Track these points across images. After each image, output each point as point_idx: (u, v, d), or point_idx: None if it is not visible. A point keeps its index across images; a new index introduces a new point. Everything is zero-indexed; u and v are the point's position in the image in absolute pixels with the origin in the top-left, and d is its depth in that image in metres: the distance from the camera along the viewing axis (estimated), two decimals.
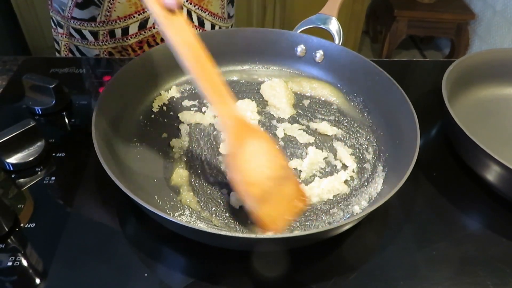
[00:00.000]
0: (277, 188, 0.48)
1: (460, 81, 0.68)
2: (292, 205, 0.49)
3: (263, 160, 0.49)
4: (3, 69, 0.77)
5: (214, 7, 0.89)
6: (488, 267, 0.50)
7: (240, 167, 0.48)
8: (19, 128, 0.56)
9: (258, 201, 0.47)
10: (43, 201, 0.54)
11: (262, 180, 0.48)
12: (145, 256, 0.49)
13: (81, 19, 0.83)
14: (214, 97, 0.48)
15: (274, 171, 0.49)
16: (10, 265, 0.47)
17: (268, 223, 0.47)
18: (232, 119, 0.49)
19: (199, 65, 0.47)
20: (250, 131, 0.50)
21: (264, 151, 0.50)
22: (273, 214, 0.47)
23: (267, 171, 0.48)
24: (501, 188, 0.57)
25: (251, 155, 0.49)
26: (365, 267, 0.49)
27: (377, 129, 0.64)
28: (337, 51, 0.69)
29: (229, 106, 0.49)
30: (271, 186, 0.48)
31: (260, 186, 0.47)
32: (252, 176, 0.48)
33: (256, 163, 0.49)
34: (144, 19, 0.82)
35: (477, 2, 2.28)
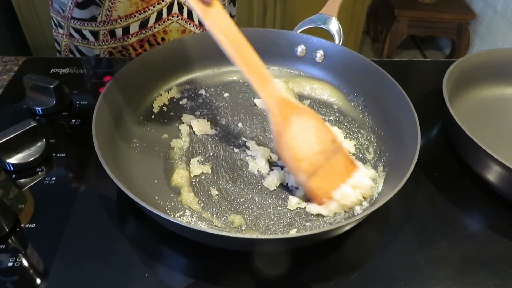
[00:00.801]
0: (326, 161, 0.51)
1: (460, 81, 0.68)
2: (341, 176, 0.52)
3: (311, 135, 0.51)
4: (3, 69, 0.77)
5: None
6: (488, 267, 0.50)
7: (288, 144, 0.50)
8: (19, 128, 0.56)
9: (309, 176, 0.50)
10: (43, 201, 0.54)
11: (311, 154, 0.50)
12: (146, 256, 0.49)
13: (82, 19, 0.83)
14: (256, 79, 0.51)
15: (322, 145, 0.51)
16: (10, 265, 0.47)
17: (318, 194, 0.51)
18: (275, 99, 0.51)
19: (239, 50, 0.50)
20: (295, 109, 0.52)
21: (311, 127, 0.52)
22: (323, 185, 0.51)
23: (315, 146, 0.51)
24: (501, 188, 0.56)
25: (298, 131, 0.51)
26: (366, 267, 0.49)
27: (377, 129, 0.64)
28: (337, 51, 0.69)
29: (272, 86, 0.51)
30: (321, 160, 0.50)
31: (310, 161, 0.50)
32: (301, 151, 0.50)
33: (303, 139, 0.51)
34: (145, 18, 0.82)
35: (478, 2, 2.28)
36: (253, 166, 0.58)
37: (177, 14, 0.83)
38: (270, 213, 0.53)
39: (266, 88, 0.51)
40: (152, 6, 0.81)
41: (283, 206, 0.53)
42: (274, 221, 0.52)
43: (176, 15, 0.83)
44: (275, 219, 0.52)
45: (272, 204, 0.54)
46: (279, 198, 0.55)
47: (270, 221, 0.52)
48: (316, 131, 0.52)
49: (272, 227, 0.51)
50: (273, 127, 0.52)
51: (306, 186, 0.51)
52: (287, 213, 0.53)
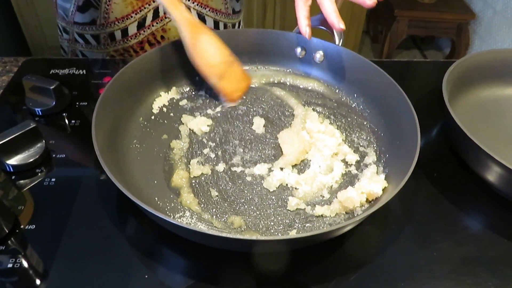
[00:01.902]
0: (228, 69, 0.66)
1: (460, 82, 0.68)
2: (241, 81, 0.69)
3: (215, 48, 0.65)
4: (3, 70, 0.77)
5: (216, 3, 0.87)
6: (489, 267, 0.50)
7: (201, 53, 0.64)
8: (19, 129, 0.56)
9: (218, 78, 0.65)
10: (43, 202, 0.54)
11: (217, 62, 0.65)
12: (146, 257, 0.49)
13: (83, 23, 0.84)
14: (168, 4, 0.62)
15: (224, 56, 0.65)
16: (10, 266, 0.47)
17: (228, 92, 0.66)
18: (186, 19, 0.63)
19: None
20: (201, 27, 0.64)
21: (213, 42, 0.65)
22: (230, 87, 0.67)
23: (219, 56, 0.65)
24: (502, 188, 0.56)
25: (206, 44, 0.64)
26: (366, 267, 0.49)
27: (377, 129, 0.64)
28: (337, 52, 0.69)
29: (182, 9, 0.63)
30: (224, 67, 0.65)
31: (217, 67, 0.65)
32: (210, 59, 0.64)
33: (210, 50, 0.64)
34: (142, 17, 0.82)
35: (478, 2, 2.28)
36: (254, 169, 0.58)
37: None
38: (270, 214, 0.53)
39: (178, 10, 0.63)
40: (148, 4, 0.81)
41: (283, 207, 0.53)
42: (274, 222, 0.52)
43: None
44: (275, 220, 0.52)
45: (272, 205, 0.54)
46: (279, 199, 0.55)
47: (270, 222, 0.52)
48: (217, 45, 0.65)
49: (272, 228, 0.51)
50: (187, 40, 0.63)
51: (218, 86, 0.65)
52: (287, 214, 0.53)
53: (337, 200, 0.53)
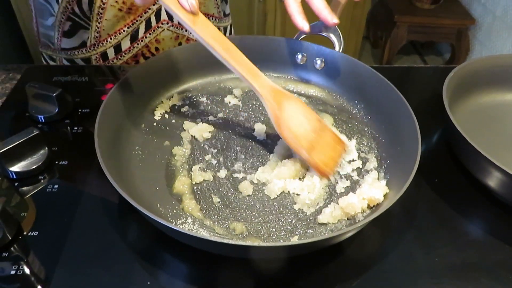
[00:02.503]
0: (319, 138, 0.58)
1: (461, 87, 0.69)
2: (335, 149, 0.59)
3: (302, 116, 0.58)
4: (6, 77, 0.77)
5: (208, 8, 0.86)
6: (490, 273, 0.50)
7: (287, 125, 0.57)
8: (22, 136, 0.57)
9: (308, 151, 0.56)
10: (46, 209, 0.54)
11: (306, 132, 0.57)
12: (148, 264, 0.49)
13: (71, 48, 0.82)
14: (248, 73, 0.57)
15: (313, 124, 0.58)
16: (13, 273, 0.47)
17: (322, 167, 0.56)
18: (267, 88, 0.57)
19: (229, 51, 0.56)
20: (284, 95, 0.58)
21: (300, 109, 0.59)
22: (323, 158, 0.57)
23: (307, 125, 0.58)
24: (503, 194, 0.57)
25: (292, 113, 0.58)
26: (368, 273, 0.49)
27: (378, 135, 0.64)
28: (337, 58, 0.70)
29: (262, 78, 0.58)
30: (314, 137, 0.57)
31: (307, 138, 0.57)
32: (298, 130, 0.57)
33: (297, 119, 0.58)
34: (135, 30, 0.81)
35: (477, 7, 2.29)
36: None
37: (166, 21, 0.82)
38: (272, 220, 0.53)
39: (258, 80, 0.57)
40: (140, 17, 0.80)
41: (285, 213, 0.54)
42: (275, 228, 0.52)
43: (166, 22, 0.82)
44: (277, 226, 0.52)
45: (273, 211, 0.54)
46: (280, 205, 0.55)
47: (271, 228, 0.52)
48: (304, 113, 0.59)
49: (273, 234, 0.51)
50: (271, 112, 0.57)
51: (310, 161, 0.56)
52: (288, 220, 0.53)
53: (338, 206, 0.53)
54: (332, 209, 0.53)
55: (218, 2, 0.88)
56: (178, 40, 0.86)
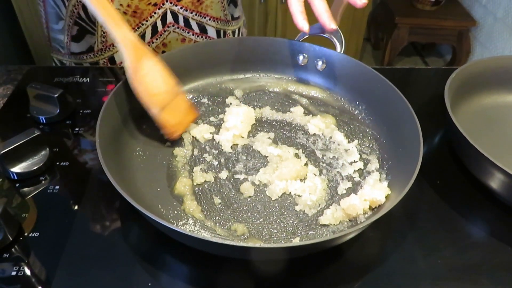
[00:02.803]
0: (172, 101, 0.60)
1: (462, 89, 0.69)
2: (185, 116, 0.62)
3: (159, 76, 0.59)
4: (7, 78, 0.77)
5: (215, 11, 0.86)
6: (492, 275, 0.50)
7: (142, 80, 0.58)
8: (23, 137, 0.57)
9: (159, 109, 0.58)
10: (47, 210, 0.54)
11: (160, 92, 0.59)
12: (149, 265, 0.49)
13: (80, 53, 0.83)
14: (112, 21, 0.56)
15: (168, 86, 0.60)
16: (14, 274, 0.47)
17: (169, 126, 0.59)
18: (129, 40, 0.57)
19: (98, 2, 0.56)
20: (147, 53, 0.58)
21: (158, 69, 0.59)
22: (172, 120, 0.60)
23: (162, 85, 0.59)
24: (505, 195, 0.56)
25: (149, 70, 0.58)
26: (369, 275, 0.49)
27: (380, 137, 0.64)
28: (339, 59, 0.70)
29: (125, 29, 0.57)
30: (168, 98, 0.59)
31: (159, 97, 0.59)
32: (152, 87, 0.58)
33: (154, 77, 0.58)
34: (141, 34, 0.81)
35: (478, 9, 2.29)
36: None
37: (172, 24, 0.82)
38: (273, 221, 0.53)
39: (120, 30, 0.57)
40: (145, 21, 0.80)
41: (286, 215, 0.53)
42: (277, 229, 0.52)
43: (172, 24, 0.82)
44: (278, 227, 0.52)
45: (275, 212, 0.54)
46: (282, 206, 0.55)
47: (273, 230, 0.52)
48: (162, 73, 0.59)
49: (275, 236, 0.51)
50: (129, 64, 0.57)
51: (158, 118, 0.58)
52: (290, 221, 0.53)
53: (340, 207, 0.53)
54: (333, 211, 0.53)
55: (225, 5, 0.87)
56: (184, 43, 0.86)
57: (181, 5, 0.80)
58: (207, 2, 0.82)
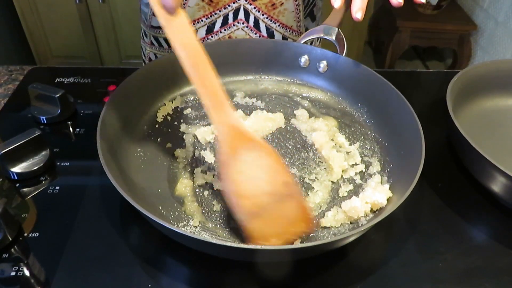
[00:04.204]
0: (275, 205, 0.46)
1: (464, 92, 0.68)
2: (292, 225, 0.47)
3: (261, 173, 0.47)
4: (9, 78, 0.77)
5: (287, 19, 0.83)
6: (494, 279, 0.49)
7: (233, 178, 0.46)
8: (24, 137, 0.56)
9: (249, 215, 0.45)
10: (47, 210, 0.54)
11: (256, 193, 0.46)
12: (149, 266, 0.49)
13: (158, 27, 0.86)
14: (209, 101, 0.47)
15: (273, 186, 0.46)
16: (13, 275, 0.46)
17: (255, 239, 0.46)
18: (226, 126, 0.47)
19: (197, 68, 0.47)
20: (248, 141, 0.47)
21: (263, 164, 0.47)
22: (266, 230, 0.46)
23: (264, 185, 0.46)
24: (507, 199, 0.56)
25: (247, 166, 0.46)
26: (370, 278, 0.49)
27: (381, 139, 0.64)
28: (340, 62, 0.70)
29: (225, 112, 0.47)
30: (267, 202, 0.46)
31: (253, 200, 0.45)
32: (246, 188, 0.46)
33: (251, 175, 0.46)
34: (212, 22, 0.82)
35: (479, 13, 2.29)
36: None
37: (242, 21, 0.83)
38: None
39: (219, 113, 0.47)
40: (219, 11, 0.81)
41: None
42: None
43: (242, 21, 0.83)
44: None
45: None
46: None
47: None
48: (268, 170, 0.47)
49: None
50: (220, 157, 0.47)
51: (244, 226, 0.46)
52: None
53: (341, 210, 0.52)
54: (335, 213, 0.52)
55: (301, 16, 0.85)
56: None
57: (255, 5, 0.80)
58: (281, 8, 0.82)
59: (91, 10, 1.98)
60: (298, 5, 0.83)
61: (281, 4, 0.81)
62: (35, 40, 2.07)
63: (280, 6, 0.81)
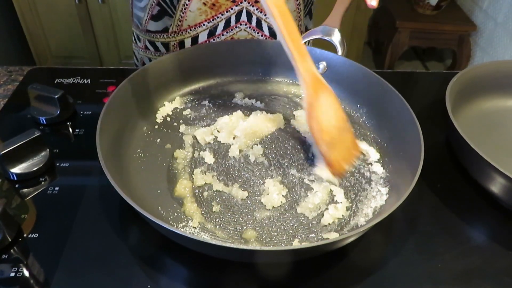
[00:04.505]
0: (340, 137, 0.58)
1: (463, 93, 0.69)
2: (350, 152, 0.59)
3: (332, 112, 0.57)
4: (8, 79, 0.77)
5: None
6: (493, 280, 0.50)
7: (318, 116, 0.56)
8: (24, 138, 0.56)
9: (328, 146, 0.56)
10: (46, 211, 0.54)
11: (331, 128, 0.57)
12: (148, 267, 0.49)
13: (155, 31, 0.86)
14: (298, 53, 0.55)
15: (339, 122, 0.58)
16: (13, 275, 0.46)
17: (336, 165, 0.57)
18: (311, 74, 0.56)
19: (287, 24, 0.54)
20: (324, 86, 0.57)
21: (334, 105, 0.58)
22: (339, 158, 0.57)
23: (335, 121, 0.57)
24: (506, 200, 0.56)
25: (325, 107, 0.57)
26: (370, 279, 0.49)
27: (380, 140, 0.64)
28: (340, 63, 0.70)
29: (309, 62, 0.56)
30: (337, 134, 0.57)
31: (330, 133, 0.57)
32: (325, 124, 0.56)
33: (328, 113, 0.57)
34: (214, 26, 0.82)
35: (479, 14, 2.29)
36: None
37: (245, 22, 0.83)
38: (273, 224, 0.52)
39: (304, 63, 0.56)
40: (221, 14, 0.81)
41: (287, 217, 0.53)
42: (277, 232, 0.51)
43: (245, 23, 0.83)
44: (278, 230, 0.52)
45: (275, 215, 0.54)
46: (282, 209, 0.54)
47: (273, 232, 0.51)
48: (336, 109, 0.58)
49: (275, 239, 0.51)
50: (307, 99, 0.56)
51: (327, 156, 0.57)
52: (290, 224, 0.53)
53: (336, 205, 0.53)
54: (333, 210, 0.53)
55: (301, 15, 0.87)
56: None
57: (257, 6, 0.80)
58: None
59: (90, 10, 1.98)
60: (299, 5, 0.83)
61: None
62: (34, 40, 2.06)
63: None
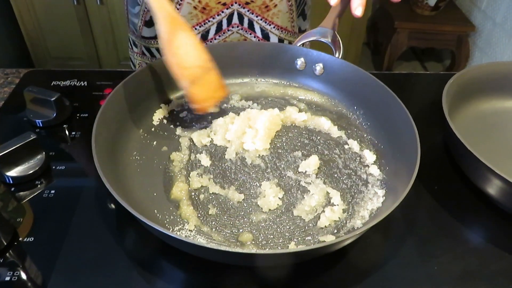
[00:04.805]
0: (203, 75, 0.60)
1: (460, 94, 0.68)
2: (215, 91, 0.62)
3: (192, 50, 0.59)
4: (5, 81, 0.77)
5: (282, 20, 0.84)
6: (490, 281, 0.50)
7: (175, 52, 0.58)
8: (20, 141, 0.56)
9: (189, 82, 0.59)
10: (42, 214, 0.53)
11: (192, 65, 0.59)
12: (145, 271, 0.48)
13: (149, 37, 0.86)
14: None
15: (201, 61, 0.60)
16: (8, 279, 0.46)
17: (198, 101, 0.60)
18: (166, 11, 0.58)
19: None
20: (182, 24, 0.59)
21: (193, 43, 0.59)
22: (201, 94, 0.60)
23: (195, 59, 0.59)
24: (503, 202, 0.56)
25: (183, 43, 0.59)
26: (367, 281, 0.49)
27: (377, 142, 0.63)
28: (337, 64, 0.70)
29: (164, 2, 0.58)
30: (199, 73, 0.59)
31: (191, 70, 0.59)
32: (184, 60, 0.59)
33: (187, 50, 0.59)
34: (205, 30, 0.82)
35: (477, 14, 2.29)
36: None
37: (237, 25, 0.83)
38: (270, 227, 0.52)
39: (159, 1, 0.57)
40: (212, 18, 0.81)
41: (283, 220, 0.53)
42: (273, 235, 0.51)
43: (236, 25, 0.83)
44: (275, 233, 0.52)
45: (271, 218, 0.53)
46: (279, 211, 0.54)
47: (269, 235, 0.51)
48: (196, 47, 0.59)
49: (271, 241, 0.51)
50: (164, 35, 0.58)
51: (188, 91, 0.59)
52: (286, 227, 0.52)
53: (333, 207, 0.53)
54: (329, 212, 0.53)
55: (294, 16, 0.86)
56: None
57: (248, 8, 0.81)
58: (275, 10, 0.82)
59: (89, 11, 1.98)
60: (291, 6, 0.83)
61: (275, 6, 0.81)
62: (32, 41, 2.06)
63: (274, 7, 0.81)
